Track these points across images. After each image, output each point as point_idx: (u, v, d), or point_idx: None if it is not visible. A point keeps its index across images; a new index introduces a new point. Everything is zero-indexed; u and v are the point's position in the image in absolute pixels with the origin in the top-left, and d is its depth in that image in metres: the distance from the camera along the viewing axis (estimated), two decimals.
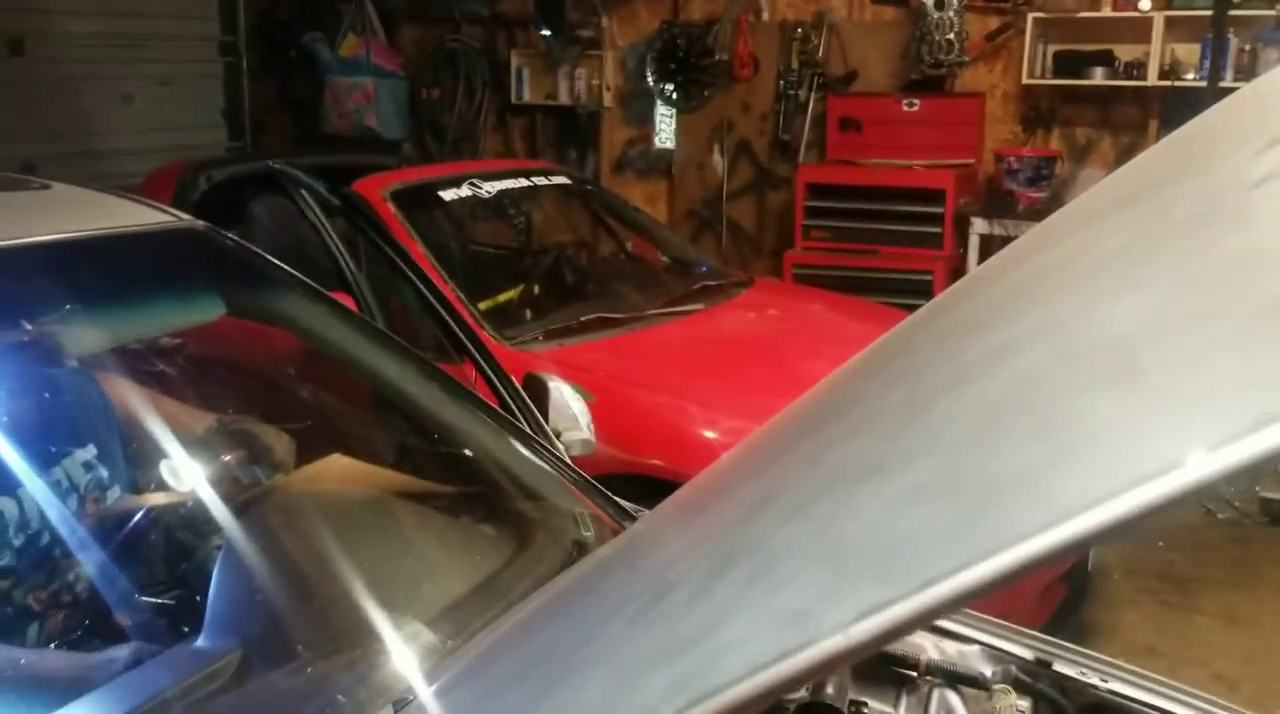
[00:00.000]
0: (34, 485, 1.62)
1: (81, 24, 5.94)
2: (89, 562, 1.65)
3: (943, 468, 0.47)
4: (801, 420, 0.70)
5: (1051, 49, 5.34)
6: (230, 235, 1.80)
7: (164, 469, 1.70)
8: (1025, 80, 5.35)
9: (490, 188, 3.90)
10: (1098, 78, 5.22)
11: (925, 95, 5.55)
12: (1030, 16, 5.25)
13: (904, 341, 0.66)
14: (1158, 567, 3.79)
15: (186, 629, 1.42)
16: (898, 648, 1.44)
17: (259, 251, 1.83)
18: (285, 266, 1.85)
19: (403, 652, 1.26)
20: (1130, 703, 1.37)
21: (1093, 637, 2.84)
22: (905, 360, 0.60)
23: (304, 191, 3.26)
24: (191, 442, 1.80)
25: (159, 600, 1.57)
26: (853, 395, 0.63)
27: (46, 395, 1.64)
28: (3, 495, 1.58)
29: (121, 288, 1.65)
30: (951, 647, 1.46)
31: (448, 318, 2.29)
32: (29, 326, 1.46)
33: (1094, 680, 1.40)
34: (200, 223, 1.75)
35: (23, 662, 1.41)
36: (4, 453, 1.57)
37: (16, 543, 1.59)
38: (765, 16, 5.97)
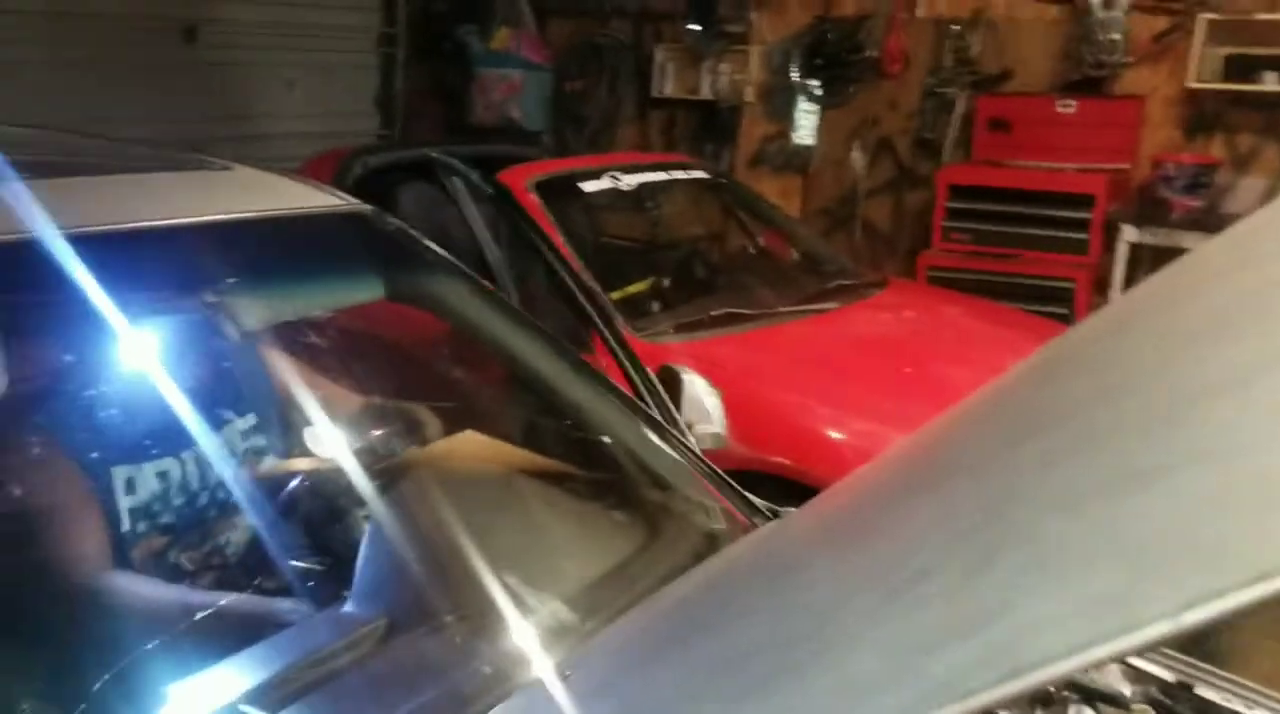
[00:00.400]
0: (197, 449, 1.73)
1: (251, 13, 6.22)
2: (243, 525, 1.75)
3: (1234, 472, 0.48)
4: (999, 424, 0.70)
5: (1222, 52, 5.11)
6: (394, 219, 1.87)
7: (318, 441, 1.78)
8: (1191, 83, 5.13)
9: (630, 180, 3.94)
10: (1269, 83, 4.97)
11: (1082, 96, 5.37)
12: (1201, 17, 5.03)
13: (1107, 349, 0.66)
14: None
15: (331, 595, 1.49)
16: None
17: (419, 236, 1.90)
18: (442, 252, 1.92)
19: (544, 628, 1.30)
20: None
21: (1227, 662, 2.71)
22: (1124, 369, 0.60)
23: (456, 179, 3.36)
24: (345, 417, 1.89)
25: (308, 565, 1.65)
26: (1063, 403, 0.63)
27: (215, 364, 1.74)
28: (169, 456, 1.68)
29: (291, 266, 1.74)
30: None
31: (587, 306, 2.35)
32: (209, 298, 1.56)
33: (1238, 707, 1.36)
34: (366, 207, 1.82)
35: (208, 604, 1.50)
36: (173, 416, 1.67)
37: (177, 502, 1.69)
38: (920, 12, 5.87)
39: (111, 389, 1.61)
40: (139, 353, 1.60)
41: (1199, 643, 2.79)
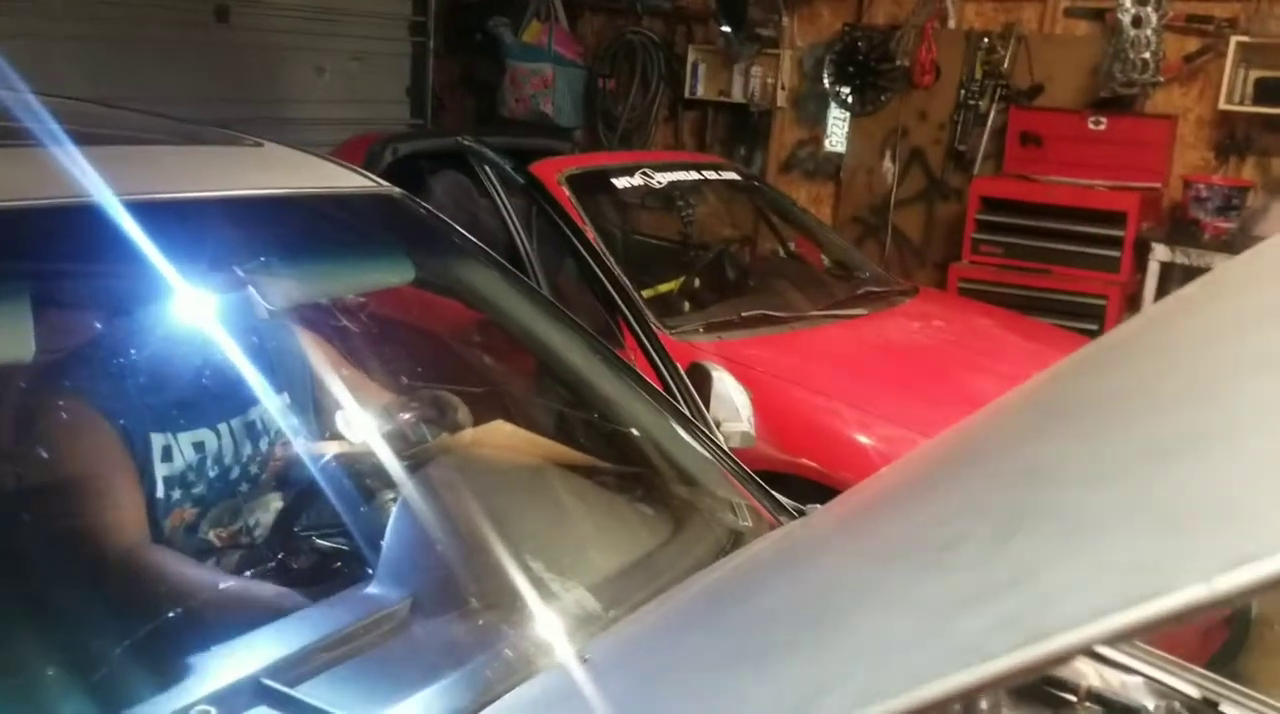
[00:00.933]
0: (231, 423, 1.73)
1: None
2: (272, 505, 1.75)
3: (1270, 442, 0.46)
4: (1032, 414, 0.70)
5: (1253, 74, 5.07)
6: (424, 205, 1.87)
7: (349, 424, 1.77)
8: (1223, 105, 5.09)
9: (661, 178, 3.93)
10: None
11: (1114, 114, 5.34)
12: (1233, 40, 4.99)
13: (1144, 344, 0.65)
14: None
15: (356, 576, 1.49)
16: (1058, 672, 1.41)
17: (449, 222, 1.89)
18: (474, 240, 1.91)
19: (567, 614, 1.29)
20: None
21: (1252, 686, 2.69)
22: (1160, 359, 0.60)
23: (488, 168, 3.36)
24: (378, 401, 1.88)
25: (333, 546, 1.65)
26: (1097, 391, 0.63)
27: (249, 341, 1.73)
28: (205, 427, 1.69)
29: (321, 246, 1.73)
30: (1114, 676, 1.41)
31: (618, 300, 2.33)
32: (239, 273, 1.55)
33: None
34: (396, 190, 1.82)
35: (227, 585, 1.50)
36: (209, 388, 1.67)
37: (211, 474, 1.69)
38: (951, 24, 5.84)
39: (148, 357, 1.61)
40: (173, 323, 1.60)
41: (1226, 663, 2.76)
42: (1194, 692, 1.40)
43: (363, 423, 1.75)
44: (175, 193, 1.51)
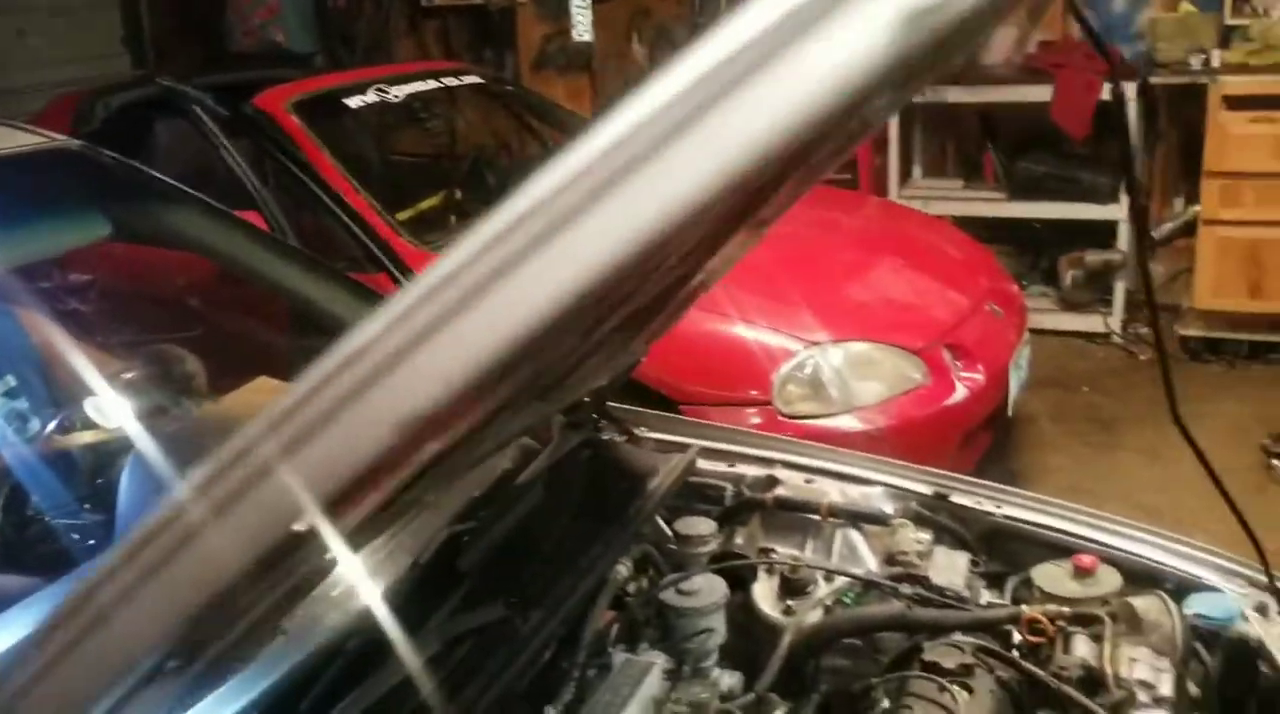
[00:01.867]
0: None
1: None
2: (13, 490, 1.66)
3: None
4: None
5: None
6: (110, 153, 1.76)
7: (83, 397, 1.69)
8: None
9: (398, 92, 3.81)
10: None
11: None
12: None
13: None
14: (1084, 410, 3.89)
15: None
16: (802, 496, 1.50)
17: (143, 168, 1.80)
18: (174, 183, 1.82)
19: None
20: (1024, 525, 1.43)
21: (1020, 480, 2.94)
22: None
23: (198, 108, 3.18)
24: (106, 368, 1.79)
25: (82, 523, 1.59)
26: None
27: None
28: None
29: None
30: (855, 490, 1.51)
31: (351, 224, 2.28)
32: None
33: (989, 507, 1.46)
34: (75, 142, 1.71)
35: None
36: None
37: None
38: None
39: None
40: None
41: (997, 464, 2.98)
42: (927, 490, 1.51)
43: (99, 394, 1.67)
44: None
